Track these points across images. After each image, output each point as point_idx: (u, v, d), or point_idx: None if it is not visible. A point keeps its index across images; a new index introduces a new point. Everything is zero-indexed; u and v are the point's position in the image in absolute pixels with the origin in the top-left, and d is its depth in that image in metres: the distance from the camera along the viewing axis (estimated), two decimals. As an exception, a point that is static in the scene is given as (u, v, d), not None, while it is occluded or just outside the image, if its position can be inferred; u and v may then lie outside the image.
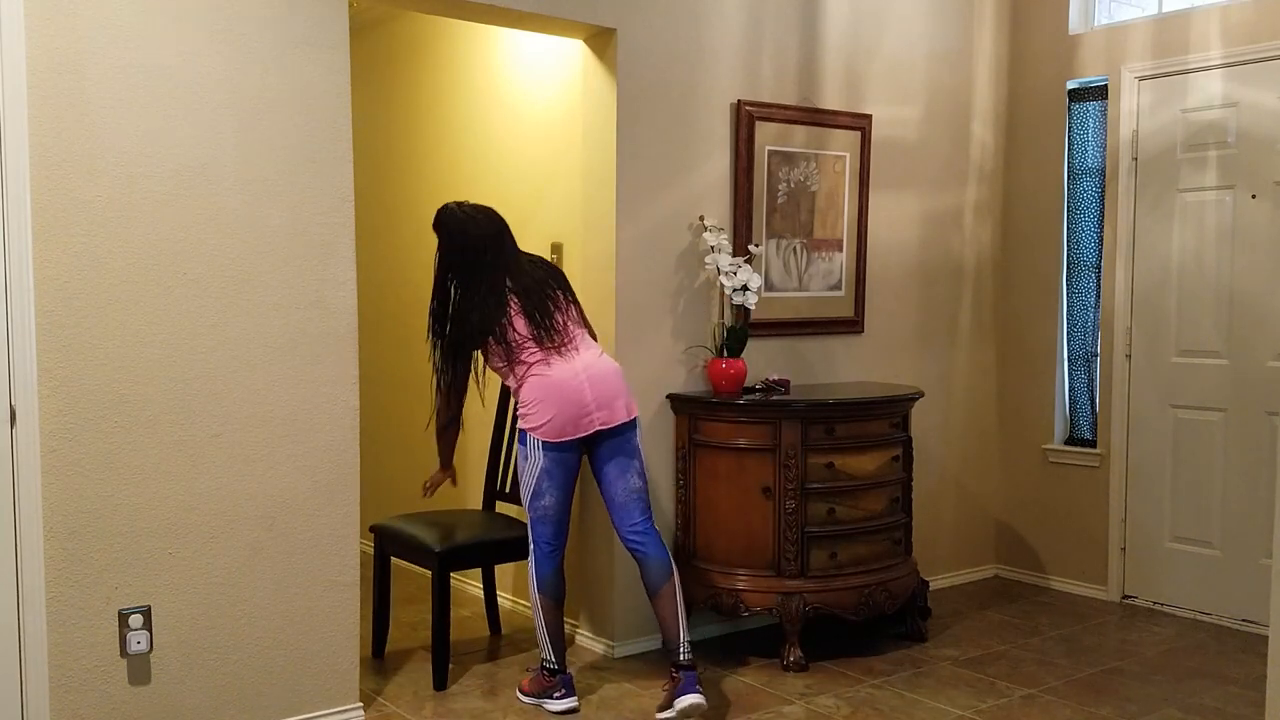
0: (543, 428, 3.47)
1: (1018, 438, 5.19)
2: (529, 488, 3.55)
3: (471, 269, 3.53)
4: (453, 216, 3.60)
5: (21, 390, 2.84)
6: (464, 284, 3.55)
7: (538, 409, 3.47)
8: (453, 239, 3.57)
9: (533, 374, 3.49)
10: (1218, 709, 3.66)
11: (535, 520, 3.57)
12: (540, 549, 3.57)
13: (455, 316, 3.56)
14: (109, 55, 2.92)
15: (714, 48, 4.19)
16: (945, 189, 4.99)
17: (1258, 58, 4.35)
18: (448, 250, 3.58)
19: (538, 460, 3.50)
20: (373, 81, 5.41)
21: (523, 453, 3.55)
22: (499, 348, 3.52)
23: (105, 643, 2.99)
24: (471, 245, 3.55)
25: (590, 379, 3.49)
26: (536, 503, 3.54)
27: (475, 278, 3.53)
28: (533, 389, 3.49)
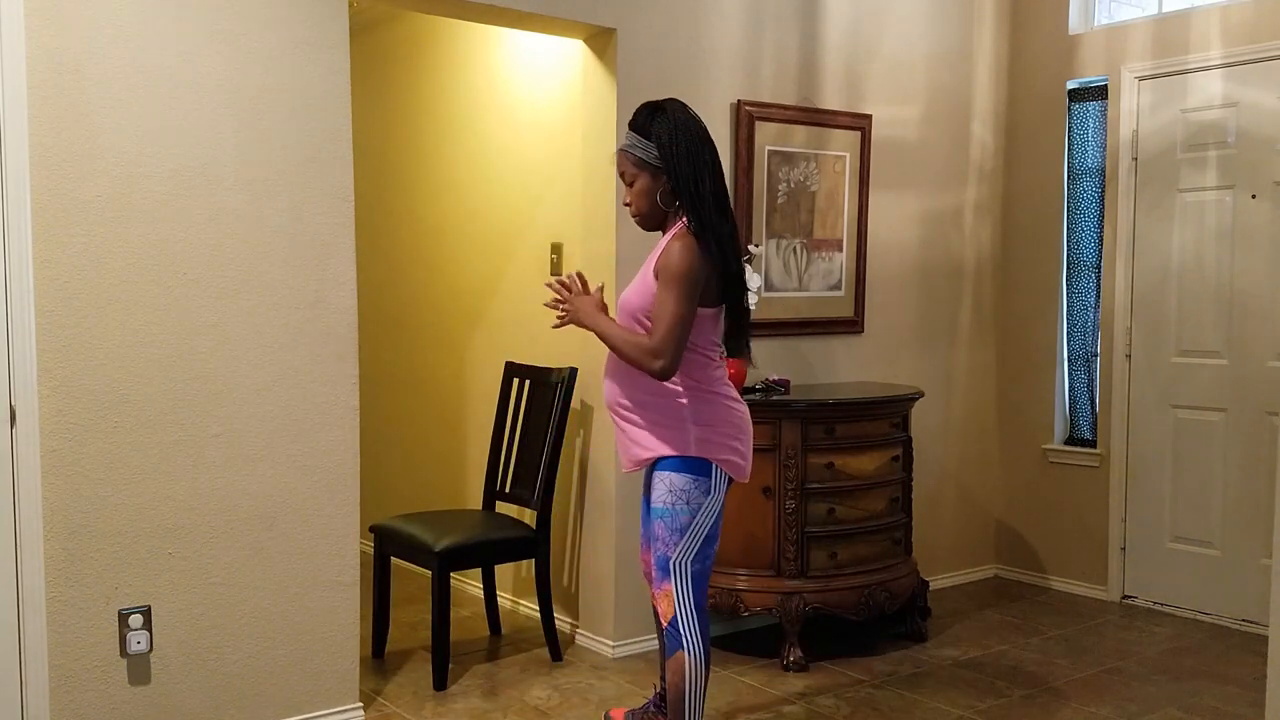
0: (741, 464, 2.84)
1: (1018, 438, 5.19)
2: (702, 530, 2.79)
3: (720, 181, 2.76)
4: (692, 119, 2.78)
5: (21, 390, 2.84)
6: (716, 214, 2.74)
7: (739, 439, 2.83)
8: (701, 150, 2.74)
9: (731, 394, 2.84)
10: (1218, 709, 3.66)
11: (701, 575, 2.82)
12: (703, 614, 2.82)
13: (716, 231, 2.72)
14: (109, 55, 2.92)
15: (714, 48, 4.19)
16: (945, 189, 4.99)
17: (1258, 58, 4.35)
18: (699, 159, 2.73)
19: (720, 496, 2.81)
20: (373, 81, 5.41)
21: (698, 485, 2.76)
22: (710, 321, 2.76)
23: (105, 643, 2.99)
24: (713, 153, 2.78)
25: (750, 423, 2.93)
26: (710, 548, 2.82)
27: (721, 200, 2.76)
28: (735, 413, 2.83)
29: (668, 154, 2.70)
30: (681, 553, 2.78)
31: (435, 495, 5.09)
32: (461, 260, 4.99)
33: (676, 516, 2.76)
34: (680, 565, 2.78)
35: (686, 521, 2.76)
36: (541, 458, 4.03)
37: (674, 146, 2.70)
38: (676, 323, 2.63)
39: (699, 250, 2.67)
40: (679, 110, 2.76)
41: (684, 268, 2.64)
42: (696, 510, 2.76)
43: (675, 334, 2.63)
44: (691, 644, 2.77)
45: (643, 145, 2.75)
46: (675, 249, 2.67)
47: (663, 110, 2.76)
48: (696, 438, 2.76)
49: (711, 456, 2.76)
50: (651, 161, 2.74)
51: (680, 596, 2.78)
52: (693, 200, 2.70)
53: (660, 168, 2.73)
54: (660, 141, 2.71)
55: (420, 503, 4.99)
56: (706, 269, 2.68)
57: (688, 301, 2.65)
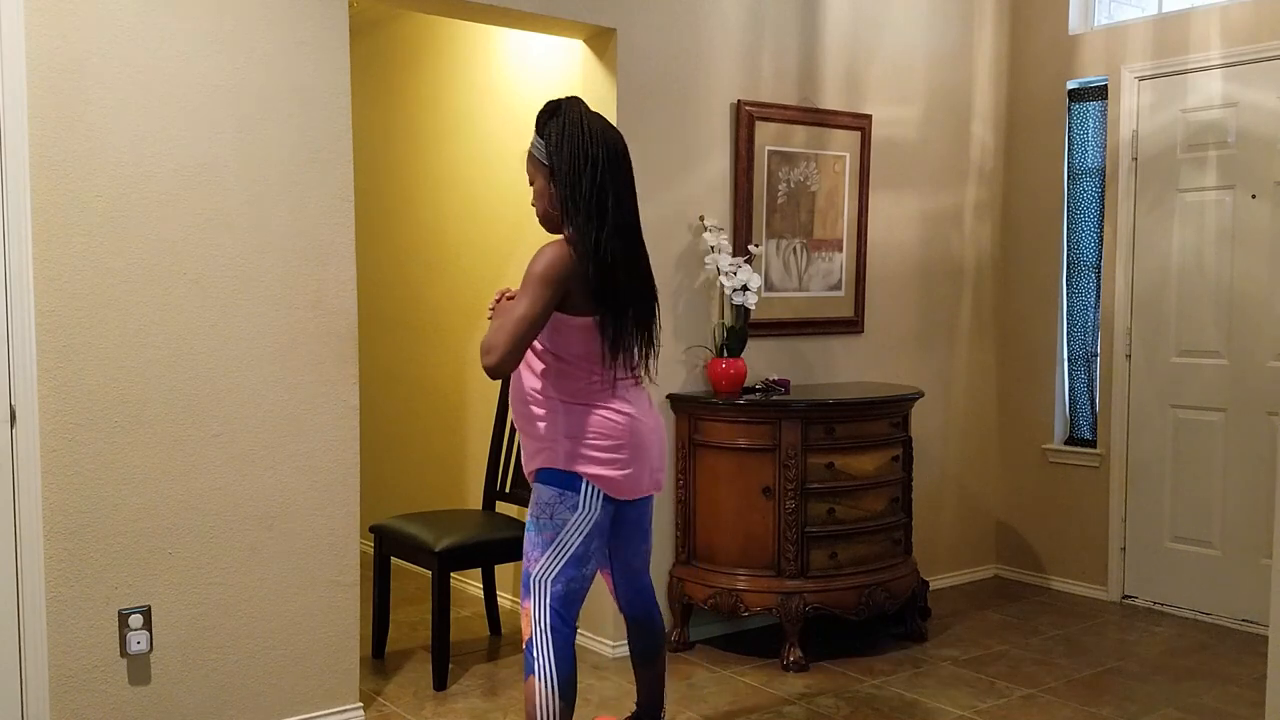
0: (617, 479, 2.69)
1: (1018, 438, 5.19)
2: (567, 549, 2.67)
3: (609, 193, 2.66)
4: (588, 119, 2.68)
5: (21, 390, 2.84)
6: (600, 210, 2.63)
7: (617, 452, 2.68)
8: (586, 151, 2.63)
9: (615, 406, 2.69)
10: (1218, 709, 3.66)
11: (562, 596, 2.67)
12: (560, 636, 2.68)
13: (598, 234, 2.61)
14: (109, 55, 2.92)
15: (714, 48, 4.19)
16: (945, 189, 4.99)
17: (1258, 58, 4.35)
18: (585, 161, 2.63)
19: (592, 513, 2.67)
20: (373, 81, 5.41)
21: (563, 500, 2.66)
22: (586, 330, 2.63)
23: (105, 643, 2.99)
24: (613, 158, 2.68)
25: (657, 431, 2.81)
26: (575, 570, 2.68)
27: (613, 204, 2.67)
28: (613, 425, 2.68)
29: (552, 155, 2.63)
30: (542, 570, 2.66)
31: (435, 495, 5.09)
32: (461, 260, 4.99)
33: (540, 531, 2.67)
34: (540, 584, 2.66)
35: (549, 538, 2.65)
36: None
37: (559, 147, 2.62)
38: (517, 320, 2.52)
39: (564, 254, 2.58)
40: (572, 110, 2.66)
41: (536, 270, 2.55)
42: (560, 527, 2.65)
43: (510, 332, 2.51)
44: (543, 668, 2.64)
45: (537, 145, 2.68)
46: (539, 252, 2.61)
47: (559, 110, 2.67)
48: (566, 451, 2.65)
49: (581, 471, 2.64)
50: (544, 162, 2.66)
51: (536, 616, 2.65)
52: (564, 203, 2.62)
53: (549, 168, 2.65)
54: (548, 142, 2.64)
55: (420, 503, 4.99)
56: (570, 274, 2.57)
57: (534, 302, 2.53)
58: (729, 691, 3.78)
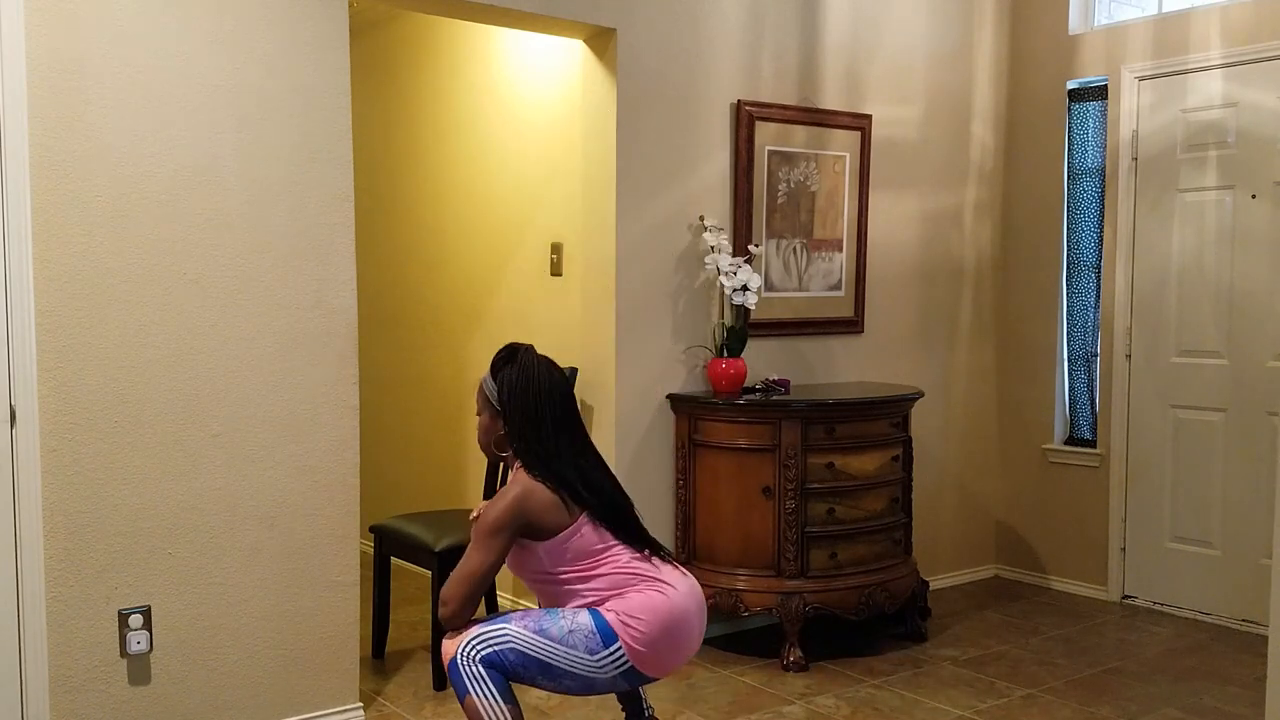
0: (645, 655, 2.66)
1: (1018, 438, 5.19)
2: (550, 659, 2.64)
3: (560, 426, 2.79)
4: (535, 364, 2.82)
5: (21, 390, 2.84)
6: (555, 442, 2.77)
7: (647, 628, 2.64)
8: (536, 396, 2.77)
9: (644, 586, 2.70)
10: (1218, 709, 3.66)
11: (515, 670, 2.66)
12: (487, 665, 2.63)
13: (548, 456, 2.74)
14: (109, 55, 2.92)
15: (714, 48, 4.19)
16: (945, 189, 4.99)
17: (1258, 58, 4.35)
18: (533, 401, 2.77)
19: (600, 671, 2.65)
20: (373, 81, 5.41)
21: (589, 638, 2.64)
22: (582, 532, 2.70)
23: (105, 643, 2.99)
24: (562, 396, 2.82)
25: (700, 610, 2.79)
26: (537, 674, 2.67)
27: (564, 435, 2.79)
28: (647, 603, 2.67)
29: (504, 401, 2.77)
30: (516, 637, 2.64)
31: (435, 495, 5.09)
32: (461, 260, 4.99)
33: (553, 622, 2.66)
34: (505, 637, 2.63)
35: (553, 636, 2.64)
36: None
37: (512, 393, 2.77)
38: (465, 576, 2.65)
39: (521, 495, 2.66)
40: (527, 361, 2.80)
41: (488, 520, 2.66)
42: (568, 646, 2.64)
43: (460, 588, 2.64)
44: (476, 683, 2.62)
45: (490, 385, 2.82)
46: (493, 502, 2.70)
47: (513, 358, 2.81)
48: (614, 619, 2.66)
49: (619, 634, 2.64)
50: (493, 402, 2.80)
51: (471, 647, 2.62)
52: (520, 445, 2.75)
53: (499, 411, 2.79)
54: (500, 388, 2.79)
55: (420, 503, 4.99)
56: (530, 510, 2.66)
57: (483, 554, 2.64)
58: (729, 691, 3.78)
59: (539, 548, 2.70)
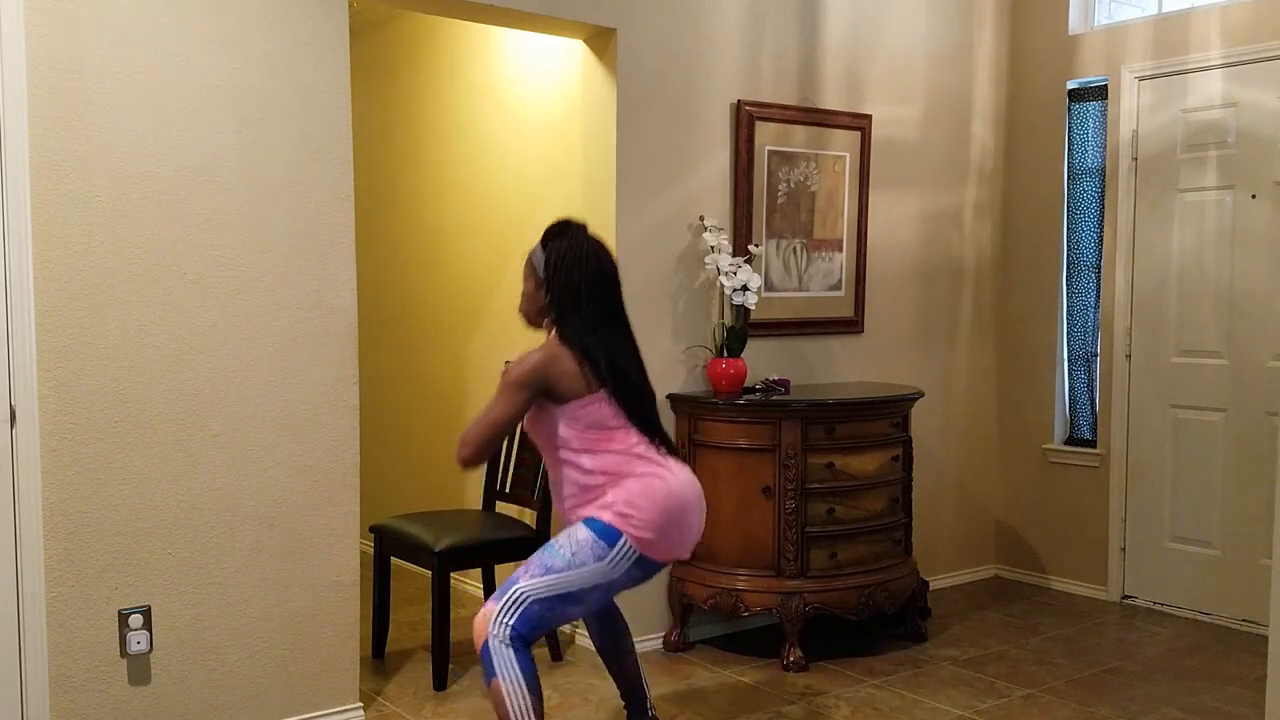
0: (651, 541, 2.75)
1: (1018, 438, 5.19)
2: (568, 585, 2.72)
3: (601, 305, 2.87)
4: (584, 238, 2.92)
5: (21, 390, 2.84)
6: (594, 319, 2.85)
7: (650, 514, 2.74)
8: (583, 271, 2.86)
9: (644, 471, 2.79)
10: (1218, 709, 3.66)
11: (535, 619, 2.72)
12: (521, 642, 2.71)
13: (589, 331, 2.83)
14: (109, 55, 2.92)
15: (714, 48, 4.19)
16: (945, 189, 4.99)
17: (1258, 58, 4.35)
18: (580, 277, 2.86)
19: (614, 569, 2.74)
20: (373, 81, 5.41)
21: (594, 547, 2.73)
22: (598, 405, 2.79)
23: (105, 643, 2.99)
24: (606, 280, 2.90)
25: (699, 499, 2.89)
26: (562, 606, 2.74)
27: (604, 315, 2.87)
28: (648, 490, 2.76)
29: (550, 273, 2.87)
30: (533, 587, 2.71)
31: (435, 495, 5.09)
32: (461, 260, 4.99)
33: (557, 556, 2.74)
34: (522, 596, 2.71)
35: (560, 566, 2.72)
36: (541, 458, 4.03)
37: (558, 269, 2.86)
38: (488, 423, 2.76)
39: (547, 356, 2.78)
40: (577, 236, 2.90)
41: (515, 373, 2.78)
42: (577, 565, 2.72)
43: (481, 432, 2.76)
44: (505, 669, 2.68)
45: (538, 255, 2.91)
46: (521, 358, 2.81)
47: (565, 232, 2.91)
48: (615, 512, 2.76)
49: (624, 530, 2.73)
50: (539, 272, 2.90)
51: (503, 619, 2.69)
52: (558, 316, 2.85)
53: (543, 281, 2.89)
54: (548, 260, 2.88)
55: (420, 503, 4.98)
56: (554, 373, 2.77)
57: (506, 405, 2.77)
58: (729, 691, 3.78)
59: (556, 411, 2.81)
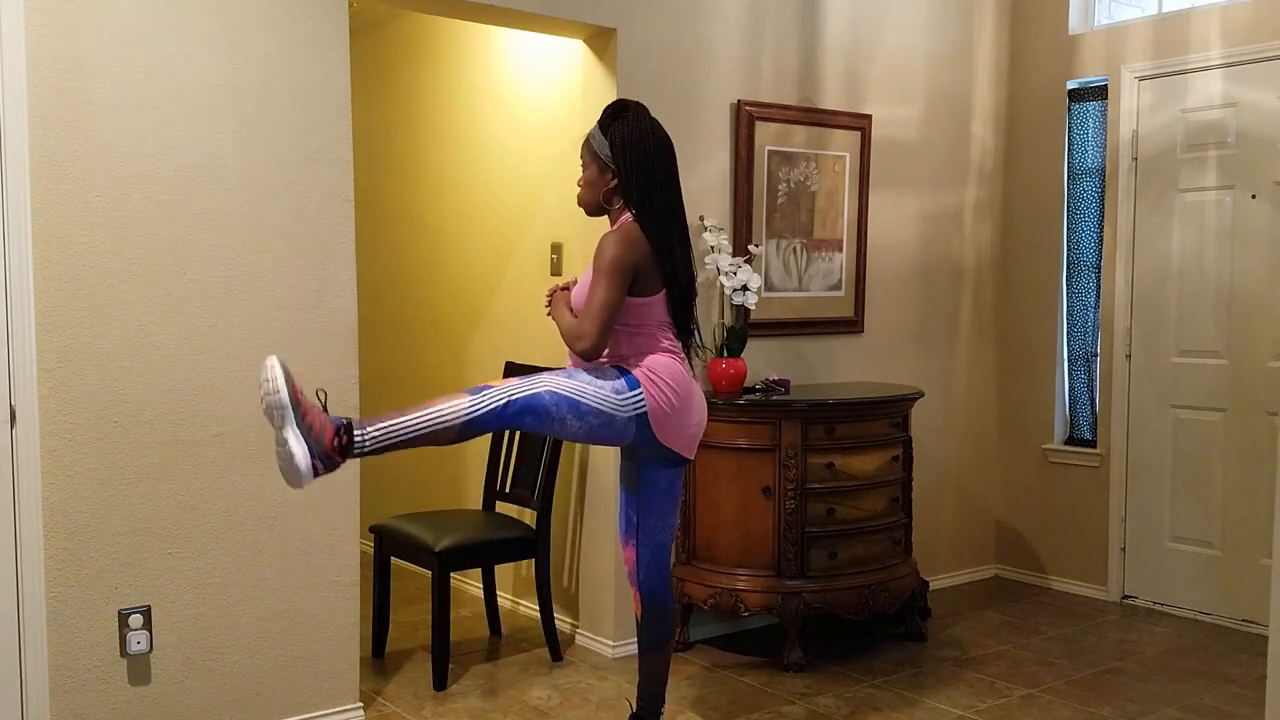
0: (657, 411, 2.83)
1: (1018, 438, 5.19)
2: (581, 396, 2.76)
3: (666, 186, 2.88)
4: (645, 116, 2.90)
5: (21, 390, 2.84)
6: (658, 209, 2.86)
7: (667, 389, 2.84)
8: (650, 152, 2.86)
9: (671, 354, 2.91)
10: (1218, 709, 3.66)
11: (546, 409, 2.74)
12: (501, 409, 2.71)
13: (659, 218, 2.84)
14: (109, 55, 2.92)
15: (714, 48, 4.19)
16: (945, 189, 4.99)
17: (1258, 58, 4.35)
18: (643, 156, 2.85)
19: (620, 410, 2.80)
20: (373, 81, 5.41)
21: (616, 382, 2.81)
22: (652, 306, 2.86)
23: (105, 643, 2.99)
24: (670, 169, 2.90)
25: (703, 403, 3.00)
26: (565, 412, 2.76)
27: (669, 198, 2.89)
28: (671, 368, 2.87)
29: (618, 155, 2.85)
30: (554, 383, 2.76)
31: (435, 495, 5.09)
32: (461, 260, 4.99)
33: (576, 375, 2.81)
34: (541, 383, 2.75)
35: (581, 381, 2.79)
36: (541, 458, 4.03)
37: (625, 150, 2.85)
38: (600, 308, 2.76)
39: (630, 241, 2.80)
40: (639, 115, 2.89)
41: (610, 258, 2.77)
42: (597, 384, 2.78)
43: (598, 318, 2.76)
44: (471, 406, 2.72)
45: (599, 140, 2.90)
46: (607, 242, 2.80)
47: (626, 112, 2.90)
48: (641, 372, 2.85)
49: (642, 384, 2.82)
50: (602, 157, 2.88)
51: (509, 391, 2.73)
52: (638, 202, 2.85)
53: (608, 165, 2.87)
54: (613, 141, 2.86)
55: (420, 503, 4.99)
56: (639, 259, 2.80)
57: (611, 289, 2.77)
58: (729, 691, 3.78)
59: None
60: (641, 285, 2.83)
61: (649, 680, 3.12)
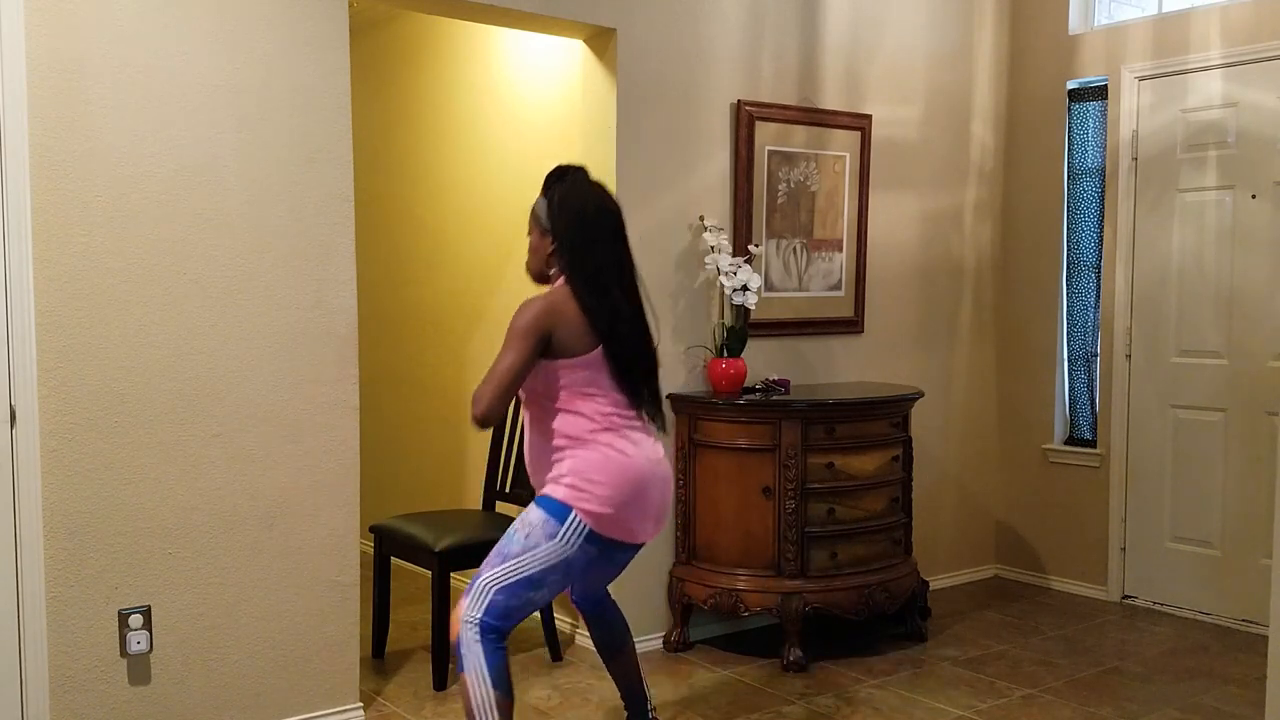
0: (602, 516, 2.69)
1: (1018, 438, 5.19)
2: (525, 569, 2.69)
3: (605, 249, 2.79)
4: (585, 183, 2.84)
5: (21, 390, 2.84)
6: (595, 273, 2.77)
7: (602, 489, 2.68)
8: (584, 212, 2.79)
9: (604, 443, 2.71)
10: (1218, 709, 3.66)
11: (501, 608, 2.69)
12: (492, 633, 2.69)
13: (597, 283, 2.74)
14: (109, 55, 2.92)
15: (714, 48, 4.19)
16: (945, 189, 4.99)
17: (1258, 58, 4.35)
18: (581, 226, 2.78)
19: (568, 547, 2.68)
20: (373, 81, 5.41)
21: (545, 526, 2.69)
22: (589, 366, 2.73)
23: (105, 643, 2.99)
24: (610, 222, 2.82)
25: (662, 479, 2.81)
26: (524, 591, 2.70)
27: (609, 260, 2.79)
28: (604, 463, 2.70)
29: (554, 216, 2.79)
30: (495, 577, 2.69)
31: (435, 495, 5.09)
32: (461, 260, 4.99)
33: (511, 543, 2.72)
34: (486, 588, 2.69)
35: (517, 552, 2.69)
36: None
37: (561, 210, 2.78)
38: (500, 372, 2.65)
39: (548, 305, 2.70)
40: (578, 179, 2.83)
41: (519, 322, 2.69)
42: (531, 548, 2.68)
43: (497, 383, 2.64)
44: (474, 663, 2.67)
45: (540, 204, 2.84)
46: (522, 306, 2.73)
47: (566, 176, 2.84)
48: (567, 485, 2.71)
49: (573, 505, 2.68)
50: (543, 220, 2.82)
51: (468, 615, 2.68)
52: (569, 263, 2.76)
53: (548, 229, 2.80)
54: (550, 204, 2.80)
55: (420, 503, 4.99)
56: (556, 322, 2.69)
57: (515, 354, 2.66)
58: (729, 691, 3.78)
59: (545, 365, 2.72)
60: (568, 346, 2.70)
61: (621, 684, 3.14)
